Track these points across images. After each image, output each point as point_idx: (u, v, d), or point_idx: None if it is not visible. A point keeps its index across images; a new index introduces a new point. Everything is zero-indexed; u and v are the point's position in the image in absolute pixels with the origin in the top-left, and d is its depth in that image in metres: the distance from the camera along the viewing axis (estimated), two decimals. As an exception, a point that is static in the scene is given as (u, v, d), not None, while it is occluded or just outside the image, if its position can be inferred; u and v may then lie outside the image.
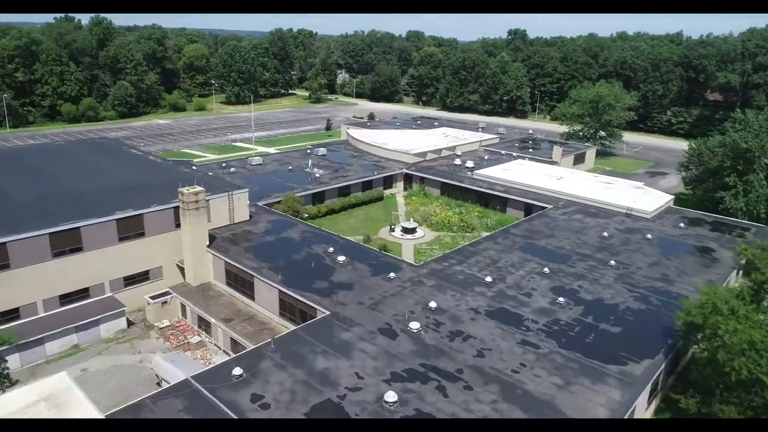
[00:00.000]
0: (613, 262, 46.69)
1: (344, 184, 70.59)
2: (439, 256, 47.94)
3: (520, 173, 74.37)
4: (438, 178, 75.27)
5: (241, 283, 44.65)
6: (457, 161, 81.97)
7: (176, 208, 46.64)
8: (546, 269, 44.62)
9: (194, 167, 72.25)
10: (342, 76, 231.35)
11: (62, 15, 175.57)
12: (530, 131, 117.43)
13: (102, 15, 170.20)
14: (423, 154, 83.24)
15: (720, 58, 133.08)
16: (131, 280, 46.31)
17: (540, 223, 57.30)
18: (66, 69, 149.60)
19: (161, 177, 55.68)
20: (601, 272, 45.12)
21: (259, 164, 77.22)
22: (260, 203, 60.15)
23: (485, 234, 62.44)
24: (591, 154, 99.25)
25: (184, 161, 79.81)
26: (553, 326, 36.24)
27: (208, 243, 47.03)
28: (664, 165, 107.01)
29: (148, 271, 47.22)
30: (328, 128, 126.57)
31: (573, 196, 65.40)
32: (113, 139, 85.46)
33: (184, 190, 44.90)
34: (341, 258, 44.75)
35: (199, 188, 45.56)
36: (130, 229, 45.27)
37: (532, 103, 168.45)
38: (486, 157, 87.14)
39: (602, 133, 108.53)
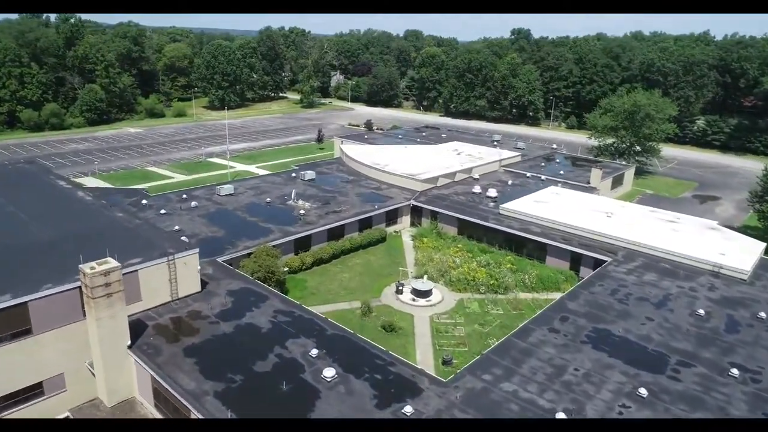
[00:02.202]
0: (735, 370, 31.27)
1: (336, 224, 54.96)
2: (475, 361, 32.31)
3: (558, 207, 59.03)
4: (455, 214, 59.67)
5: (174, 412, 29.06)
6: (476, 188, 66.51)
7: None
8: (641, 389, 29.14)
9: (145, 201, 56.98)
10: (336, 78, 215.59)
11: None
12: (553, 145, 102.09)
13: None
14: (434, 179, 67.79)
15: (763, 60, 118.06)
16: (13, 400, 30.62)
17: (604, 290, 41.91)
18: (27, 71, 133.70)
19: (81, 229, 40.03)
20: (723, 391, 29.73)
21: (230, 194, 61.55)
22: (222, 258, 44.64)
23: (522, 295, 47.35)
24: (630, 174, 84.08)
25: (136, 190, 64.13)
26: None
27: (129, 342, 31.45)
28: (710, 185, 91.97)
29: (41, 383, 31.55)
30: (319, 140, 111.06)
31: (634, 243, 50.06)
32: (37, 161, 68.57)
33: (87, 267, 29.23)
34: (328, 373, 29.15)
35: (110, 263, 29.89)
36: (7, 326, 29.60)
37: (545, 110, 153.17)
38: (509, 182, 71.69)
39: (637, 148, 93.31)
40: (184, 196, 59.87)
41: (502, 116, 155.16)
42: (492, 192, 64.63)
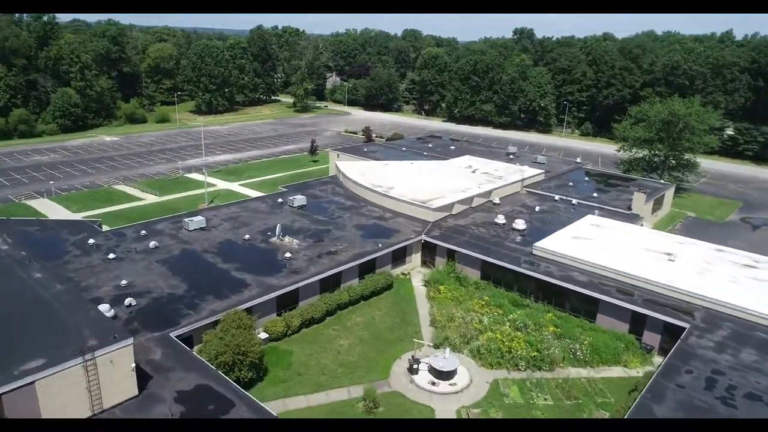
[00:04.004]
0: None
1: (331, 272, 43.67)
2: None
3: (603, 246, 47.94)
4: (477, 255, 48.36)
5: None
6: (500, 218, 55.37)
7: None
8: None
9: (92, 240, 45.69)
10: (332, 80, 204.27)
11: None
12: (577, 159, 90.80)
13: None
14: (448, 206, 56.71)
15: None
16: None
17: (695, 382, 30.85)
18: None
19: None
20: None
21: (201, 228, 50.29)
22: (177, 332, 33.38)
23: (572, 370, 36.32)
24: (670, 194, 73.18)
25: (86, 222, 52.73)
26: None
27: None
28: (756, 205, 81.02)
29: None
30: (312, 151, 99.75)
31: (713, 300, 39.05)
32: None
33: None
34: None
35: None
36: None
37: (557, 115, 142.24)
38: (536, 208, 60.65)
39: (672, 162, 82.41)
40: (143, 232, 48.44)
41: (511, 122, 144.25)
42: (519, 223, 53.48)
